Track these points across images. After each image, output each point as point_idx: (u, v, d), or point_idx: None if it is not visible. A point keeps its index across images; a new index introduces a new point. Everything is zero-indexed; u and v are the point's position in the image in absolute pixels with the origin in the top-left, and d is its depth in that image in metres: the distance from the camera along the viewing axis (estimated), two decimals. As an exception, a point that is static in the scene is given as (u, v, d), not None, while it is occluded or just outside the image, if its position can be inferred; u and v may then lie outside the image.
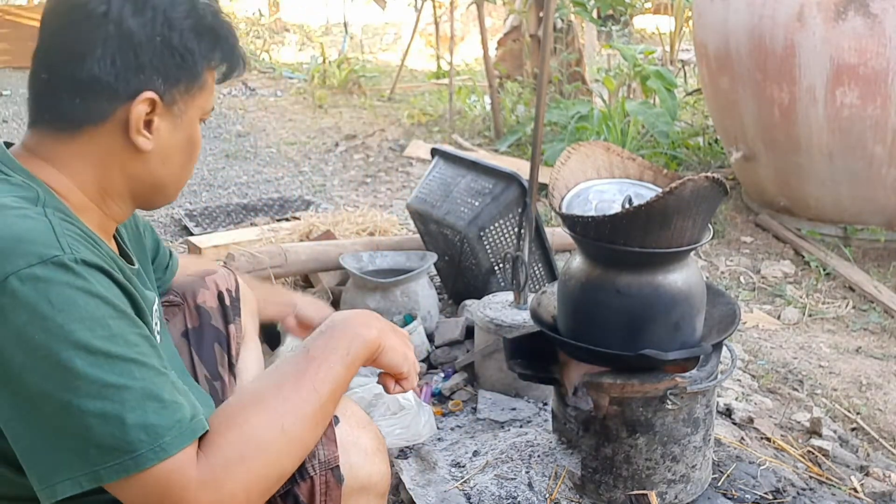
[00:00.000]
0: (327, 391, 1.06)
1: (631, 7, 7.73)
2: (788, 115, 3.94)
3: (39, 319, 0.89)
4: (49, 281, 0.91)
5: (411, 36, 8.78)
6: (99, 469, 0.90)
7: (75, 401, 0.89)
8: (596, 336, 1.68)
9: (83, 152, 1.07)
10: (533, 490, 1.80)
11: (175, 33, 1.06)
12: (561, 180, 1.76)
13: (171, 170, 1.14)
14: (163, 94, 1.06)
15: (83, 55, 1.03)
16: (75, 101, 1.04)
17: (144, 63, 1.04)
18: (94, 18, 1.02)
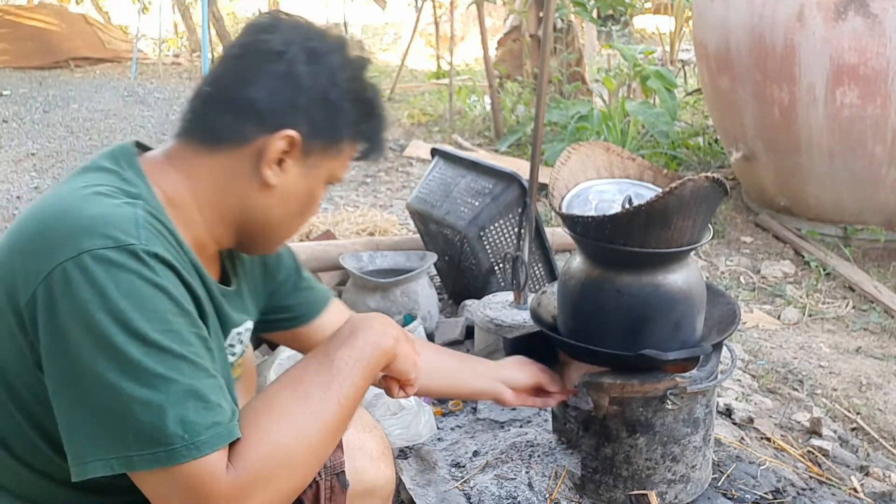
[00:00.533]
0: (350, 405, 1.08)
1: (631, 7, 7.73)
2: (788, 115, 3.94)
3: (104, 300, 0.92)
4: (120, 266, 0.94)
5: (411, 36, 8.78)
6: (133, 456, 0.91)
7: (123, 384, 0.91)
8: (596, 336, 1.67)
9: (214, 168, 1.12)
10: (533, 490, 1.80)
11: (335, 90, 1.11)
12: (561, 180, 1.76)
13: (284, 214, 1.17)
14: (304, 139, 1.11)
15: (248, 80, 1.09)
16: (226, 117, 1.10)
17: (298, 105, 1.10)
18: (271, 54, 1.10)
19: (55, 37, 10.29)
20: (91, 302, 0.92)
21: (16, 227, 1.05)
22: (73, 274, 0.93)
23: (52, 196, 1.07)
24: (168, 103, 8.00)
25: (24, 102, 7.94)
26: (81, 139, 6.53)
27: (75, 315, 0.92)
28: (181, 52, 11.52)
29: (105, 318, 0.92)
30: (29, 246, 0.98)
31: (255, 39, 1.12)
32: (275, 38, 1.11)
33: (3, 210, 4.77)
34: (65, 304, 0.93)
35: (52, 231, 0.97)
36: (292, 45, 1.10)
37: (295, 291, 1.42)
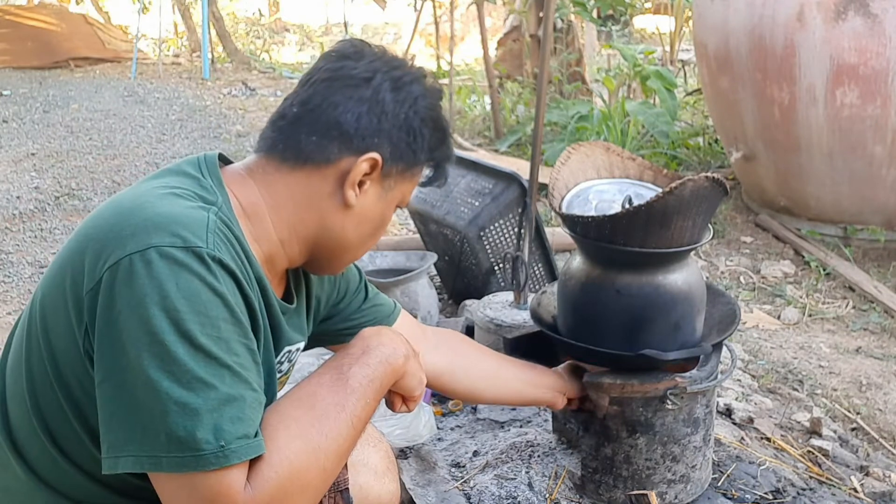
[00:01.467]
0: (361, 425, 1.09)
1: (631, 7, 7.72)
2: (788, 115, 3.94)
3: (162, 296, 0.94)
4: (183, 265, 0.96)
5: (411, 36, 8.78)
6: (162, 457, 0.92)
7: (164, 382, 0.92)
8: (596, 336, 1.67)
9: (295, 185, 1.15)
10: (533, 490, 1.80)
11: (417, 118, 1.18)
12: (561, 180, 1.76)
13: (358, 236, 1.21)
14: (385, 162, 1.16)
15: (336, 104, 1.14)
16: (312, 137, 1.14)
17: (384, 129, 1.15)
18: (358, 80, 1.15)
19: (55, 37, 10.29)
20: (149, 296, 0.94)
21: (93, 217, 1.08)
22: (137, 266, 0.95)
23: (131, 192, 1.10)
24: (168, 103, 8.00)
25: (24, 102, 7.94)
26: (81, 139, 6.52)
27: (132, 306, 0.94)
28: (181, 52, 11.51)
29: (160, 313, 0.93)
30: (101, 235, 1.01)
31: (342, 65, 1.17)
32: (361, 66, 1.16)
33: (3, 210, 4.77)
34: (123, 295, 0.95)
35: (123, 223, 1.00)
36: (378, 73, 1.16)
37: (361, 311, 1.46)
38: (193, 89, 8.78)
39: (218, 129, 6.94)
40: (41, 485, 1.10)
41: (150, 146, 6.30)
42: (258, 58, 11.19)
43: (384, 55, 1.20)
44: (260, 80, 9.49)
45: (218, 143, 6.48)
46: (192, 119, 7.29)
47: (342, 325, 1.44)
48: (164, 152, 6.09)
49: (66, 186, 5.21)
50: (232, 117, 7.48)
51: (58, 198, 4.97)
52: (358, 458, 1.16)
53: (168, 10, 11.42)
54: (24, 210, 4.76)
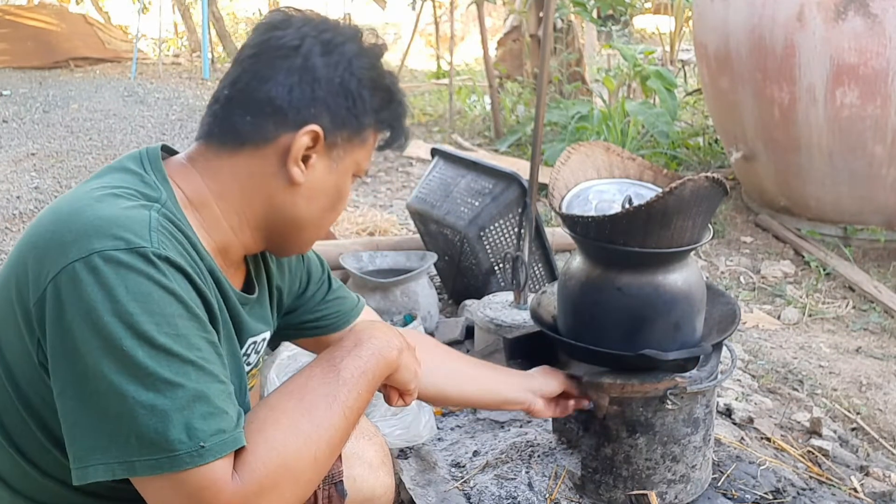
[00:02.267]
0: (354, 417, 1.07)
1: (631, 7, 7.72)
2: (788, 115, 3.94)
3: (112, 302, 0.91)
4: (130, 268, 0.93)
5: (411, 36, 8.78)
6: (135, 461, 0.90)
7: (128, 387, 0.90)
8: (596, 336, 1.67)
9: (238, 169, 1.10)
10: (533, 490, 1.80)
11: (354, 80, 1.10)
12: (561, 180, 1.76)
13: (312, 211, 1.15)
14: (327, 132, 1.09)
15: (266, 78, 1.08)
16: (246, 118, 1.09)
17: (319, 98, 1.08)
18: (285, 49, 1.09)
19: (55, 37, 10.29)
20: (99, 303, 0.91)
21: (34, 225, 1.04)
22: (82, 274, 0.92)
23: (70, 195, 1.06)
24: (168, 103, 8.00)
25: (24, 102, 7.94)
26: (81, 139, 6.53)
27: (83, 315, 0.91)
28: (181, 52, 11.52)
29: (113, 319, 0.91)
30: (42, 244, 0.97)
31: (268, 37, 1.11)
32: (288, 34, 1.10)
33: (3, 210, 4.77)
34: (72, 304, 0.92)
35: (63, 231, 0.96)
36: (306, 38, 1.09)
37: (324, 302, 1.41)
38: (193, 89, 8.78)
39: (218, 129, 6.93)
40: (17, 497, 1.08)
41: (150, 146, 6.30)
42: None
43: (313, 20, 1.13)
44: (260, 80, 9.47)
45: (218, 143, 6.47)
46: (192, 119, 7.29)
47: (306, 317, 1.39)
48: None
49: (66, 186, 5.21)
50: (232, 117, 7.47)
51: (58, 198, 4.98)
52: (352, 451, 1.15)
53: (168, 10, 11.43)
54: (24, 210, 4.76)
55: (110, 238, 0.94)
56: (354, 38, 1.13)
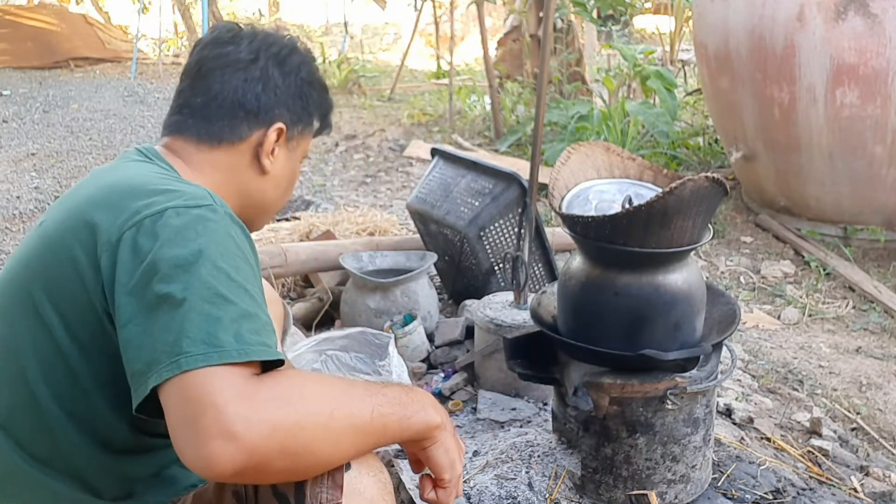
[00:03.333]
0: (379, 425, 1.06)
1: (631, 7, 7.72)
2: (788, 115, 3.94)
3: (183, 239, 1.03)
4: (200, 217, 1.07)
5: (411, 36, 8.78)
6: (181, 358, 0.94)
7: (188, 297, 0.97)
8: (596, 336, 1.67)
9: (218, 163, 1.31)
10: (533, 490, 1.80)
11: (304, 84, 1.37)
12: (561, 180, 1.76)
13: (276, 195, 1.39)
14: (289, 128, 1.35)
15: (235, 88, 1.31)
16: (223, 121, 1.31)
17: (281, 101, 1.34)
18: (245, 62, 1.32)
19: (55, 37, 10.29)
20: (172, 241, 1.02)
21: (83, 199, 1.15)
22: (157, 223, 1.05)
23: (121, 176, 1.19)
24: (168, 103, 7.91)
25: (24, 102, 7.94)
26: (81, 139, 6.52)
27: (154, 252, 1.02)
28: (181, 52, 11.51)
29: (183, 251, 1.01)
30: (111, 209, 1.09)
31: (226, 52, 1.32)
32: (243, 49, 1.33)
33: (3, 210, 4.77)
34: (147, 246, 1.03)
35: (135, 197, 1.10)
36: (260, 52, 1.33)
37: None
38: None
39: (218, 129, 6.92)
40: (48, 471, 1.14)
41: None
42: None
43: (257, 34, 1.36)
44: (260, 80, 9.46)
45: (218, 143, 6.46)
46: (192, 119, 7.28)
47: None
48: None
49: (66, 186, 5.21)
50: (232, 117, 7.46)
51: (58, 198, 4.97)
52: (353, 487, 1.12)
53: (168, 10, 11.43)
54: (24, 210, 4.76)
55: (180, 198, 1.09)
56: (295, 49, 1.38)
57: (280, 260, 2.86)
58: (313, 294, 3.07)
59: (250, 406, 0.92)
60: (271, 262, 2.83)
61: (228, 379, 0.93)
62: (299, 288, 3.22)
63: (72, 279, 1.09)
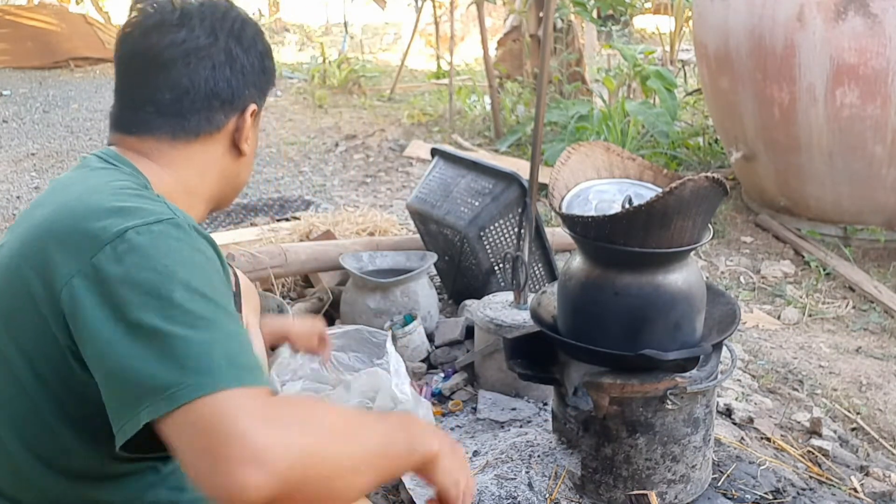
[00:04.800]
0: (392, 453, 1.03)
1: (631, 7, 7.72)
2: (788, 115, 3.94)
3: (149, 261, 0.97)
4: (162, 234, 1.01)
5: (411, 36, 8.78)
6: (176, 391, 0.88)
7: (168, 326, 0.92)
8: (596, 336, 1.67)
9: (193, 156, 1.24)
10: (533, 490, 1.80)
11: (263, 56, 1.31)
12: (561, 180, 1.76)
13: (248, 169, 1.35)
14: (258, 105, 1.30)
15: (203, 77, 1.22)
16: (200, 114, 1.23)
17: (249, 80, 1.27)
18: (205, 47, 1.23)
19: (55, 37, 10.28)
20: (137, 265, 0.97)
21: (38, 223, 1.09)
22: (119, 247, 0.98)
23: (79, 193, 1.11)
24: (168, 103, 8.00)
25: (24, 102, 7.94)
26: (81, 139, 6.52)
27: (122, 280, 0.96)
28: (181, 52, 11.49)
29: (152, 275, 0.96)
30: (67, 236, 1.03)
31: (178, 38, 1.21)
32: (200, 33, 1.22)
33: (3, 210, 4.76)
34: (112, 273, 0.96)
35: (91, 220, 1.03)
36: (217, 32, 1.24)
37: None
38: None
39: (218, 129, 6.92)
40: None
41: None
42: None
43: (204, 10, 1.25)
44: (260, 80, 9.45)
45: (218, 143, 6.46)
46: (192, 119, 7.29)
47: None
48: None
49: (66, 186, 5.21)
50: (232, 117, 7.46)
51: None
52: None
53: (168, 10, 11.41)
54: (24, 210, 4.76)
55: (139, 216, 1.02)
56: (245, 19, 1.30)
57: (280, 260, 2.86)
58: (313, 294, 3.07)
59: (276, 430, 0.87)
60: (271, 262, 2.83)
61: (245, 403, 0.88)
62: (299, 288, 3.22)
63: (31, 313, 1.02)
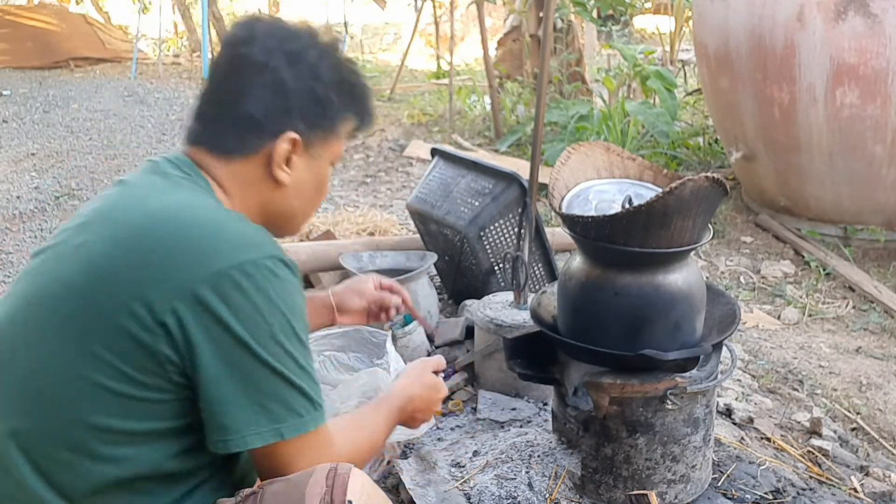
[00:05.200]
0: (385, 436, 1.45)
1: (631, 7, 7.72)
2: (788, 115, 3.94)
3: (269, 303, 1.11)
4: (277, 275, 1.12)
5: (411, 36, 8.77)
6: (281, 427, 1.12)
7: (281, 369, 1.12)
8: (596, 336, 1.67)
9: (233, 175, 1.25)
10: (533, 490, 1.80)
11: (320, 84, 1.25)
12: (561, 180, 1.76)
13: (301, 203, 1.32)
14: (303, 135, 1.24)
15: (243, 95, 1.22)
16: (233, 132, 1.24)
17: (292, 107, 1.23)
18: (255, 66, 1.22)
19: (55, 37, 10.28)
20: (258, 306, 1.09)
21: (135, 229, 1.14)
22: (240, 279, 1.09)
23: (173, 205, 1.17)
24: (168, 103, 8.00)
25: (24, 102, 7.94)
26: (81, 139, 6.52)
27: (244, 313, 1.09)
28: (181, 52, 11.51)
29: (271, 319, 1.10)
30: (178, 252, 1.10)
31: (237, 53, 1.24)
32: (255, 50, 1.22)
33: (3, 210, 4.76)
34: (235, 303, 1.08)
35: (198, 241, 1.11)
36: (272, 52, 1.22)
37: None
38: (193, 89, 8.77)
39: (218, 129, 6.92)
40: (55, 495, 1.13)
41: (150, 146, 6.30)
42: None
43: (275, 30, 1.25)
44: (260, 80, 9.45)
45: (218, 143, 6.46)
46: (192, 119, 7.28)
47: None
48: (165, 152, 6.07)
49: (66, 186, 5.21)
50: (232, 117, 7.46)
51: (58, 198, 4.97)
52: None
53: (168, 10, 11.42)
54: (24, 210, 4.76)
55: (252, 249, 1.12)
56: (314, 42, 1.26)
57: (280, 260, 2.86)
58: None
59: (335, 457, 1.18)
60: (271, 262, 2.82)
61: (319, 441, 1.17)
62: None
63: (129, 322, 1.08)
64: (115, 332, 1.09)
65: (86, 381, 1.10)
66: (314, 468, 1.14)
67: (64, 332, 1.12)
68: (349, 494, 1.12)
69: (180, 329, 1.08)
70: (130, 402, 1.11)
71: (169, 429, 1.14)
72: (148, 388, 1.11)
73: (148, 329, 1.08)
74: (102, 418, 1.11)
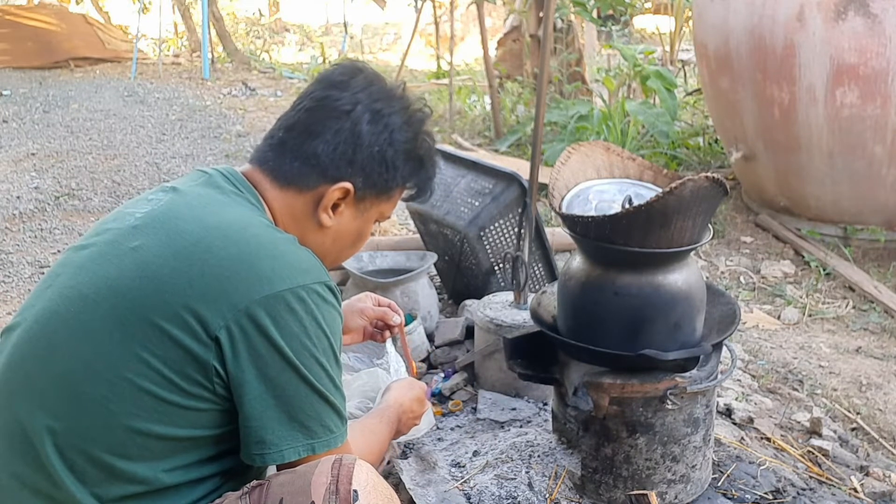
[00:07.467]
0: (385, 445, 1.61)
1: (631, 7, 7.72)
2: (788, 115, 3.94)
3: (316, 327, 1.18)
4: (325, 300, 1.20)
5: (411, 36, 8.77)
6: (314, 443, 1.20)
7: (321, 390, 1.20)
8: (596, 336, 1.67)
9: (285, 202, 1.31)
10: (533, 490, 1.80)
11: (391, 150, 1.31)
12: (561, 180, 1.76)
13: (337, 249, 1.38)
14: (358, 190, 1.31)
15: (317, 134, 1.29)
16: (295, 164, 1.30)
17: (357, 161, 1.29)
18: (339, 111, 1.29)
19: (55, 37, 10.27)
20: (308, 327, 1.16)
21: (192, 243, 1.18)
22: (293, 302, 1.15)
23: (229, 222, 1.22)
24: (168, 103, 8.00)
25: (24, 102, 7.94)
26: (81, 139, 6.52)
27: (293, 335, 1.15)
28: (181, 52, 11.51)
29: (316, 342, 1.18)
30: (235, 271, 1.15)
31: (327, 95, 1.30)
32: (344, 97, 1.29)
33: (3, 210, 4.76)
34: (286, 325, 1.15)
35: (256, 260, 1.16)
36: (359, 104, 1.28)
37: None
38: (193, 89, 8.77)
39: (218, 129, 6.94)
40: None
41: (150, 146, 6.30)
42: (258, 58, 11.17)
43: (371, 84, 1.31)
44: (260, 80, 9.48)
45: (218, 143, 6.47)
46: (192, 119, 7.29)
47: None
48: (164, 152, 6.08)
49: (66, 186, 5.21)
50: (232, 117, 7.48)
51: (58, 198, 4.97)
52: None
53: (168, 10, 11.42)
54: (24, 210, 4.76)
55: (304, 273, 1.19)
56: (403, 109, 1.32)
57: (280, 260, 2.86)
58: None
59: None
60: (271, 262, 2.83)
61: (341, 452, 1.24)
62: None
63: (180, 332, 1.13)
64: (164, 339, 1.12)
65: (131, 384, 1.13)
66: (320, 460, 1.20)
67: (110, 334, 1.14)
68: (354, 484, 1.14)
69: (231, 345, 1.13)
70: (173, 409, 1.15)
71: (204, 437, 1.20)
72: (192, 396, 1.15)
73: (201, 342, 1.13)
74: (144, 423, 1.14)
